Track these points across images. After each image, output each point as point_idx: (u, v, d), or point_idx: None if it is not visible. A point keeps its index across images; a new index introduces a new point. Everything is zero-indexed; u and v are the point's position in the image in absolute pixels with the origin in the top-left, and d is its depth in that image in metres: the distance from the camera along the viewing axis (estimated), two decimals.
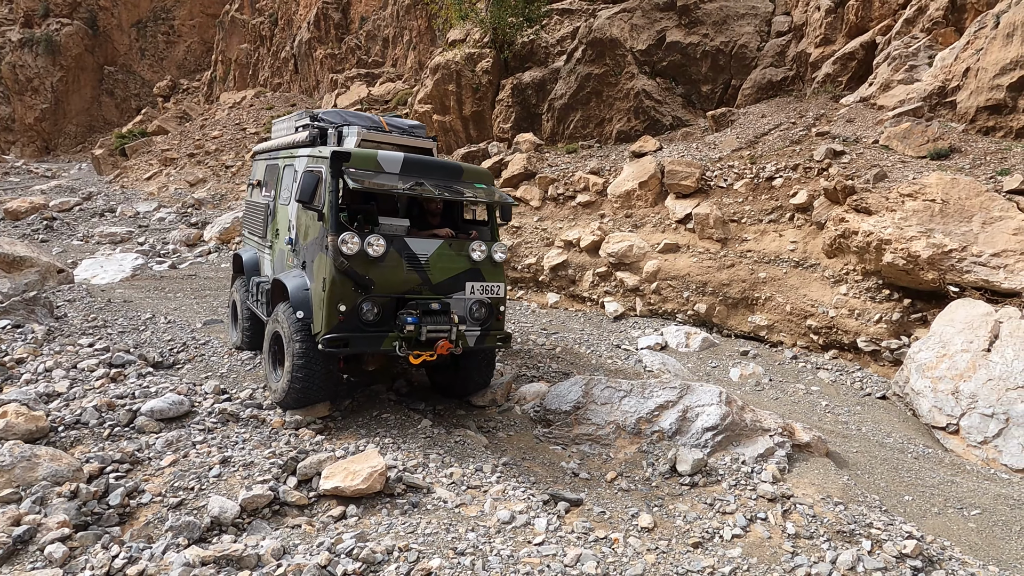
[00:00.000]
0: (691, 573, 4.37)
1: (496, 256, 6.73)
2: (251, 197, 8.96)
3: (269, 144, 8.60)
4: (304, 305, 6.13)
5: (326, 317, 5.85)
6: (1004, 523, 5.77)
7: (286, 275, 6.61)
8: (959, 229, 8.91)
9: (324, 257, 5.95)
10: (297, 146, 7.32)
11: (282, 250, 7.16)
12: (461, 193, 6.45)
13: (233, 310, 8.69)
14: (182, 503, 4.63)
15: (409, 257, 6.22)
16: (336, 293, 5.85)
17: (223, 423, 6.03)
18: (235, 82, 40.07)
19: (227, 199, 23.12)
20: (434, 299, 6.26)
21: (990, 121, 11.18)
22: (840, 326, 9.76)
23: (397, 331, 6.04)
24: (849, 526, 5.18)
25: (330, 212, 6.01)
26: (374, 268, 5.99)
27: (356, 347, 5.93)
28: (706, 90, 16.41)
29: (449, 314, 6.28)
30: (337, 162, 6.06)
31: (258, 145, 9.21)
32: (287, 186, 7.25)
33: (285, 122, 8.51)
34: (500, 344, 6.76)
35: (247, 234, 8.96)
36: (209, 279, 14.31)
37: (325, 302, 5.84)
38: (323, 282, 5.89)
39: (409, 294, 6.18)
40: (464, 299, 6.51)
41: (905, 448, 7.26)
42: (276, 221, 7.53)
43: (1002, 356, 7.47)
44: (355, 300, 5.92)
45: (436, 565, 4.05)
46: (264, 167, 8.45)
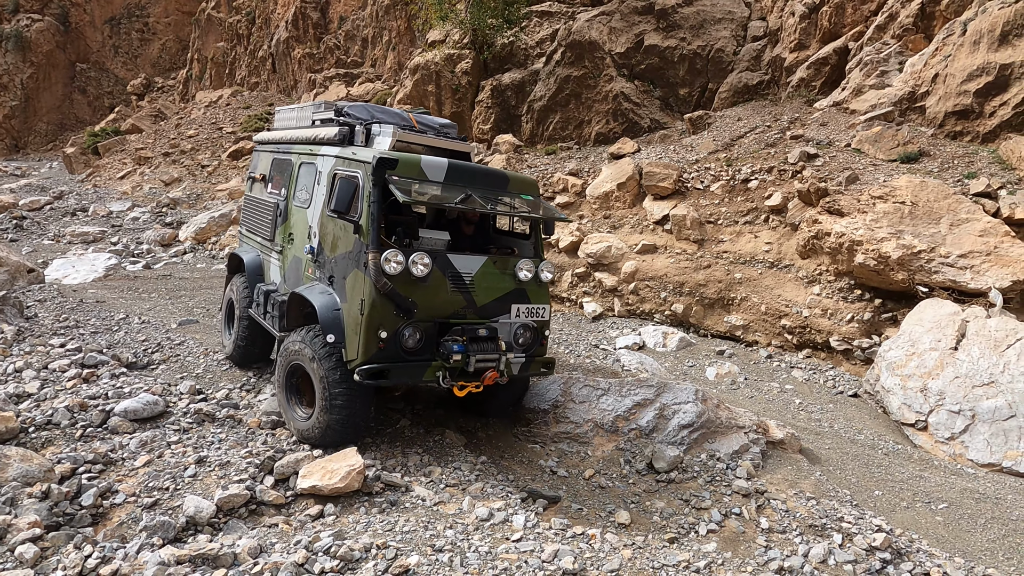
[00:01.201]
0: (667, 567, 4.43)
1: (543, 276, 6.15)
2: (252, 192, 8.09)
3: (276, 135, 7.69)
4: (335, 328, 5.39)
5: (364, 344, 5.18)
6: (970, 516, 5.93)
7: (310, 291, 5.79)
8: (928, 231, 9.13)
9: (361, 276, 5.28)
10: (319, 142, 6.49)
11: (297, 258, 6.42)
12: (513, 208, 5.87)
13: (228, 313, 7.85)
14: (157, 503, 4.58)
15: (453, 276, 5.57)
16: (376, 317, 5.17)
17: (199, 423, 5.97)
18: (211, 81, 39.59)
19: (203, 199, 22.84)
20: (480, 324, 5.66)
21: (958, 126, 11.46)
22: (813, 326, 9.94)
23: (441, 360, 5.42)
24: (821, 520, 5.28)
25: (371, 225, 5.29)
26: (417, 289, 5.34)
27: (396, 378, 5.30)
28: (683, 93, 16.60)
29: (497, 341, 5.70)
30: (382, 170, 5.34)
31: (261, 134, 8.31)
32: (305, 186, 6.48)
33: (294, 111, 7.66)
34: (544, 372, 6.21)
35: (246, 232, 8.08)
36: (184, 279, 14.13)
37: (363, 327, 5.17)
38: (360, 304, 5.23)
39: (453, 318, 5.56)
40: (509, 323, 5.89)
41: (876, 444, 7.42)
42: (290, 224, 6.71)
43: (968, 354, 7.67)
44: (396, 325, 5.25)
45: (414, 562, 4.06)
46: (271, 160, 7.57)
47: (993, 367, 7.46)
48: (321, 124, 6.77)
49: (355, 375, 5.18)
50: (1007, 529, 5.74)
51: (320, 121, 6.85)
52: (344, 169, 5.78)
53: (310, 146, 6.58)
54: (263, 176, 7.73)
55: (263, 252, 7.42)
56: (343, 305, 5.44)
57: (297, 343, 5.66)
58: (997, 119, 11.01)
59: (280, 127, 7.88)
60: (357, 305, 5.27)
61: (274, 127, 8.06)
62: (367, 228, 5.32)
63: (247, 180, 8.29)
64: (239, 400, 6.71)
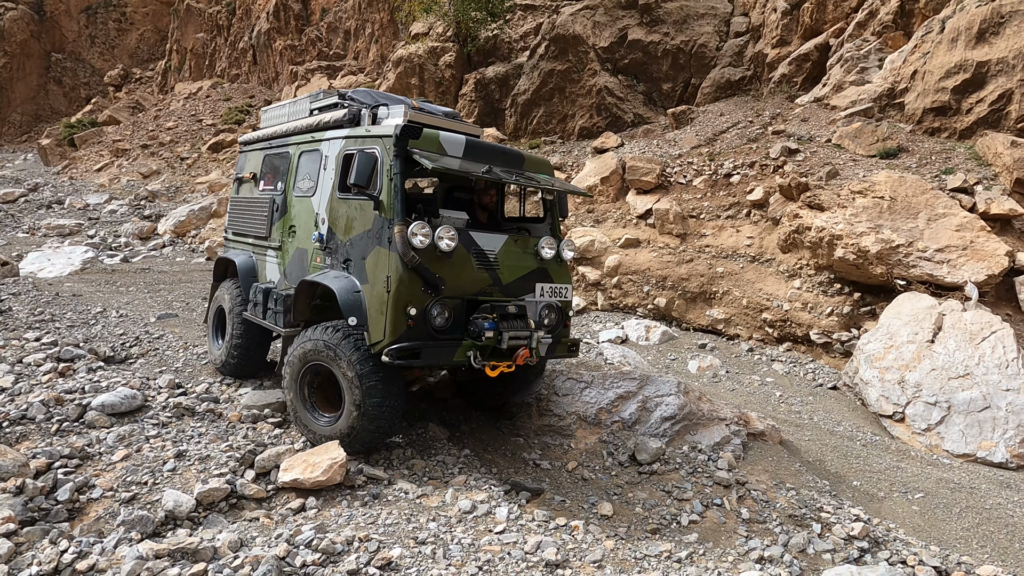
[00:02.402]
0: (648, 558, 4.46)
1: (564, 254, 6.04)
2: (239, 193, 7.76)
3: (265, 132, 7.50)
4: (356, 310, 5.15)
5: (391, 322, 4.92)
6: (945, 505, 6.03)
7: (323, 276, 5.54)
8: (906, 225, 9.25)
9: (384, 252, 5.07)
10: (322, 128, 6.22)
11: (301, 250, 6.15)
12: (536, 181, 5.68)
13: (218, 320, 7.48)
14: (135, 498, 4.52)
15: (478, 254, 5.39)
16: (404, 294, 4.94)
17: (178, 417, 5.90)
18: (191, 72, 39.03)
19: (182, 191, 22.54)
20: (505, 301, 5.50)
21: (936, 122, 11.62)
22: (794, 319, 10.04)
23: (472, 339, 5.22)
24: (800, 510, 5.35)
25: (394, 199, 5.10)
26: (444, 266, 5.14)
27: (428, 359, 5.06)
28: (667, 88, 16.66)
29: (526, 319, 5.57)
30: (404, 140, 5.16)
31: (248, 135, 8.04)
32: (308, 175, 6.23)
33: (285, 107, 7.43)
34: (570, 352, 6.07)
35: (234, 236, 7.73)
36: (163, 273, 13.95)
37: (390, 305, 4.92)
38: (386, 281, 4.98)
39: (480, 296, 5.39)
40: (534, 303, 5.75)
41: (854, 436, 7.52)
42: (290, 217, 6.45)
43: (945, 347, 7.79)
44: (425, 303, 5.03)
45: (397, 555, 4.04)
46: (262, 159, 7.32)
47: (968, 359, 7.59)
48: (321, 112, 6.55)
49: (383, 356, 4.89)
50: (981, 517, 5.85)
51: (319, 110, 6.62)
52: (357, 147, 5.52)
53: (312, 134, 6.34)
54: (253, 175, 7.44)
55: (256, 252, 7.09)
56: (364, 287, 5.20)
57: (315, 341, 5.28)
58: (974, 116, 11.17)
59: (270, 125, 7.64)
60: (382, 283, 5.02)
61: (261, 127, 7.81)
62: (389, 202, 5.12)
63: (233, 183, 7.97)
64: (219, 394, 6.64)
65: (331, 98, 6.50)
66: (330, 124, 6.10)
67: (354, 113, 5.93)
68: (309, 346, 5.33)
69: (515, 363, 5.43)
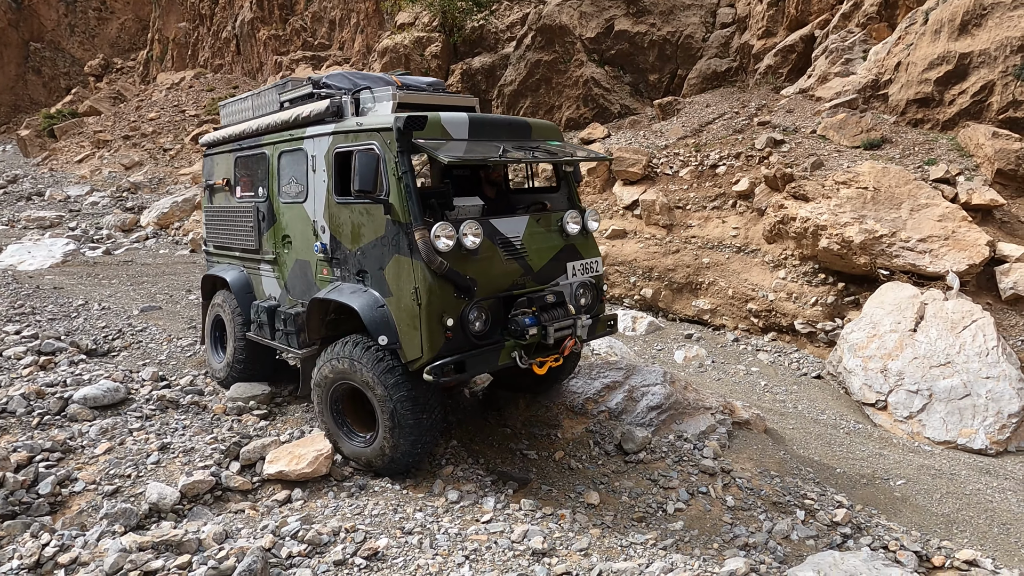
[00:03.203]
0: (635, 545, 4.49)
1: (590, 225, 5.63)
2: (213, 202, 7.07)
3: (231, 131, 6.72)
4: (384, 328, 4.70)
5: (428, 338, 4.53)
6: (926, 491, 6.12)
7: (337, 292, 5.08)
8: (889, 216, 9.33)
9: (406, 260, 4.62)
10: (301, 123, 5.58)
11: (303, 261, 5.63)
12: (556, 155, 5.27)
13: (215, 332, 7.02)
14: (118, 490, 4.48)
15: (503, 243, 4.98)
16: (437, 304, 4.54)
17: (162, 410, 5.86)
18: (173, 62, 38.51)
19: (166, 183, 22.28)
20: (542, 290, 5.18)
21: (919, 114, 11.70)
22: (779, 309, 10.11)
23: (515, 338, 4.89)
24: (784, 497, 5.40)
25: (407, 200, 4.58)
26: (470, 264, 4.73)
27: (473, 369, 4.71)
28: (653, 79, 16.66)
29: (566, 305, 5.24)
30: (409, 132, 4.64)
31: (210, 135, 7.23)
32: (293, 178, 5.65)
33: (247, 100, 6.71)
34: (609, 329, 5.73)
35: (216, 249, 7.09)
36: (147, 265, 13.80)
37: (423, 318, 4.51)
38: (414, 293, 4.56)
39: (514, 289, 5.03)
40: (568, 284, 5.39)
41: (838, 424, 7.60)
42: (281, 226, 5.89)
43: (927, 336, 7.88)
44: (460, 309, 4.65)
45: (383, 545, 4.04)
46: (233, 161, 6.63)
47: (950, 348, 7.68)
48: (294, 104, 5.91)
49: (425, 375, 4.49)
50: (961, 503, 5.94)
51: (290, 102, 5.98)
52: (349, 145, 5.01)
53: (290, 131, 5.70)
54: (226, 181, 6.74)
55: (248, 266, 6.53)
56: (388, 300, 4.75)
57: (339, 359, 4.95)
58: (956, 107, 11.26)
59: (232, 121, 6.92)
60: (409, 295, 4.58)
61: (223, 124, 7.13)
62: (402, 205, 4.60)
63: (203, 191, 7.28)
64: (204, 387, 6.61)
65: (302, 88, 5.85)
66: (311, 119, 5.45)
67: (337, 104, 5.29)
68: (335, 365, 4.98)
69: (563, 355, 5.14)
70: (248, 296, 6.45)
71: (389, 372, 4.69)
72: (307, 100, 5.72)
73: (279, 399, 6.38)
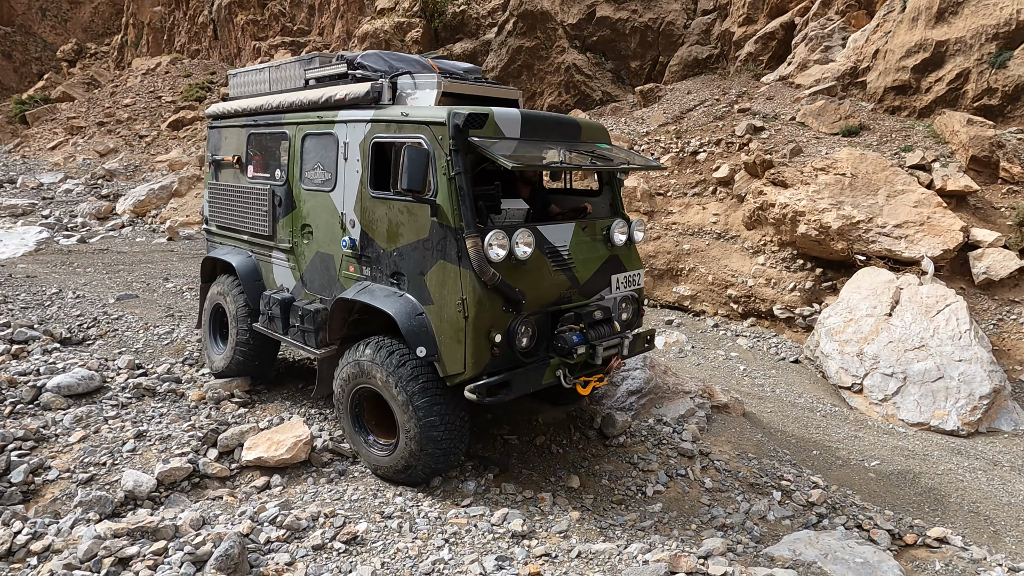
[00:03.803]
0: (614, 527, 4.53)
1: (636, 235, 5.32)
2: (220, 179, 6.59)
3: (245, 104, 6.24)
4: (423, 338, 4.37)
5: (473, 353, 4.22)
6: (900, 472, 6.24)
7: (369, 295, 4.71)
8: (866, 202, 9.43)
9: (453, 268, 4.26)
10: (333, 106, 5.13)
11: (325, 255, 5.24)
12: (612, 161, 5.03)
13: (214, 325, 6.61)
14: (93, 478, 4.43)
15: (551, 252, 4.64)
16: (485, 318, 4.21)
17: (138, 398, 5.79)
18: (148, 47, 37.76)
19: (142, 170, 21.91)
20: (587, 305, 4.87)
21: (896, 101, 11.82)
22: (758, 295, 10.20)
23: (561, 356, 4.59)
24: (762, 479, 5.47)
25: (460, 204, 4.20)
26: (520, 275, 4.39)
27: (519, 389, 4.44)
28: (635, 66, 16.65)
29: (612, 322, 4.95)
30: (467, 130, 4.24)
31: (217, 107, 6.72)
32: (319, 164, 5.24)
33: (265, 72, 6.17)
34: (648, 346, 5.42)
35: (220, 229, 6.62)
36: (123, 254, 13.59)
37: (469, 332, 4.20)
38: (460, 304, 4.22)
39: (559, 303, 4.69)
40: (612, 298, 5.11)
41: (815, 407, 7.71)
42: (300, 214, 5.46)
43: (902, 320, 8.00)
44: (507, 323, 4.34)
45: (363, 529, 4.04)
46: (246, 138, 6.16)
47: (924, 331, 7.81)
48: (320, 83, 5.48)
49: (467, 393, 4.23)
50: (933, 483, 6.07)
51: (317, 80, 5.53)
52: (391, 136, 4.61)
53: (319, 112, 5.26)
54: (237, 159, 6.25)
55: (256, 252, 6.10)
56: (427, 308, 4.40)
57: (361, 362, 4.65)
58: (932, 95, 11.40)
59: (245, 94, 6.45)
60: (454, 306, 4.24)
61: (234, 96, 6.66)
62: (452, 208, 4.21)
63: (208, 165, 6.78)
64: (181, 375, 6.53)
65: (334, 66, 5.39)
66: (345, 102, 5.00)
67: (379, 89, 4.84)
68: (355, 368, 4.70)
69: (607, 374, 4.91)
70: (256, 284, 6.01)
71: (421, 386, 4.40)
72: (339, 80, 5.30)
73: (259, 386, 6.33)
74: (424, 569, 3.69)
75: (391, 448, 4.70)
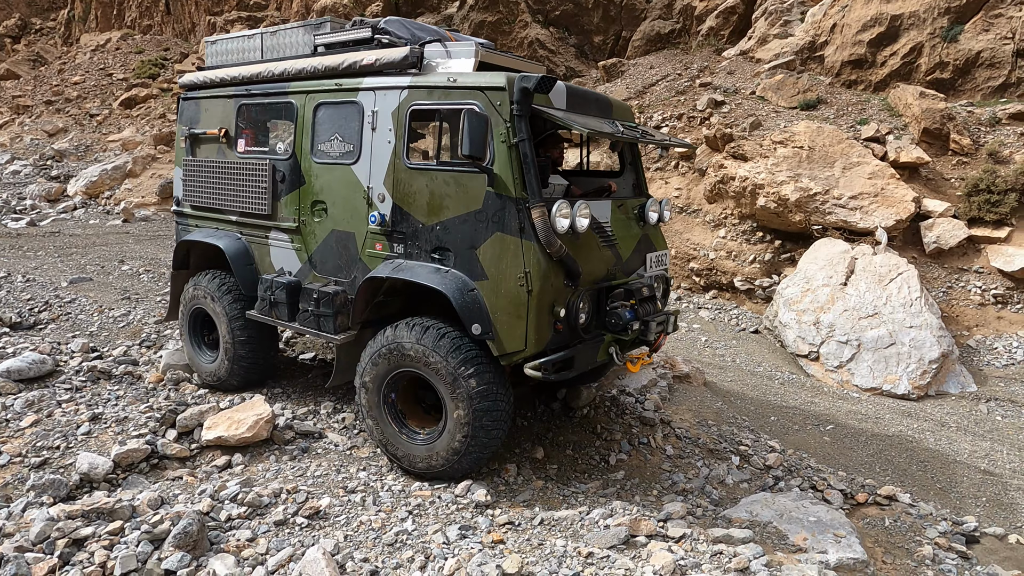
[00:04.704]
0: (577, 494, 4.61)
1: (665, 215, 5.29)
2: (199, 155, 6.04)
3: (228, 73, 5.78)
4: (478, 315, 4.14)
5: (535, 329, 4.06)
6: (853, 435, 6.45)
7: (411, 272, 4.41)
8: (823, 174, 9.61)
9: (513, 240, 4.06)
10: (359, 72, 4.81)
11: (343, 233, 4.89)
12: (653, 136, 4.97)
13: (195, 325, 6.01)
14: (46, 462, 4.33)
15: (597, 228, 4.55)
16: (549, 292, 4.07)
17: (93, 381, 5.66)
18: (97, 23, 36.31)
19: (93, 150, 21.18)
20: (634, 282, 4.81)
21: (853, 75, 12.01)
22: (719, 267, 10.37)
23: (614, 333, 4.54)
24: (721, 445, 5.61)
25: (525, 172, 4.02)
26: (575, 249, 4.24)
27: (580, 366, 4.36)
28: (598, 41, 16.59)
29: (656, 299, 4.93)
30: (531, 97, 4.05)
31: (193, 75, 6.19)
32: (337, 135, 4.90)
33: (255, 39, 5.71)
34: (674, 327, 5.35)
35: (197, 210, 6.05)
36: (76, 236, 13.17)
37: (533, 307, 4.02)
38: (525, 278, 4.01)
39: (606, 280, 4.62)
40: (649, 276, 5.06)
41: (773, 375, 7.91)
42: (311, 190, 5.07)
43: (856, 289, 8.22)
44: (567, 299, 4.22)
45: (325, 504, 4.04)
46: (235, 109, 5.67)
47: (877, 300, 8.04)
48: (331, 49, 5.12)
49: (528, 370, 4.08)
50: (884, 444, 6.30)
51: (326, 47, 5.17)
52: (435, 103, 4.38)
53: (337, 80, 4.93)
54: (224, 132, 5.75)
55: (248, 234, 5.62)
56: (480, 283, 4.17)
57: (401, 343, 4.33)
58: (887, 68, 11.61)
59: (228, 62, 5.96)
60: (514, 280, 4.05)
61: (212, 65, 6.12)
62: (513, 176, 4.03)
63: (183, 140, 6.16)
64: (138, 357, 6.40)
65: (359, 31, 4.97)
66: (375, 67, 4.69)
67: (416, 55, 4.55)
68: (393, 349, 4.38)
69: (656, 351, 4.85)
70: (248, 269, 5.55)
71: (468, 361, 4.16)
72: (361, 46, 4.94)
73: None
74: (387, 540, 3.72)
75: (433, 436, 4.43)
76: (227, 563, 3.36)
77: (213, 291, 5.66)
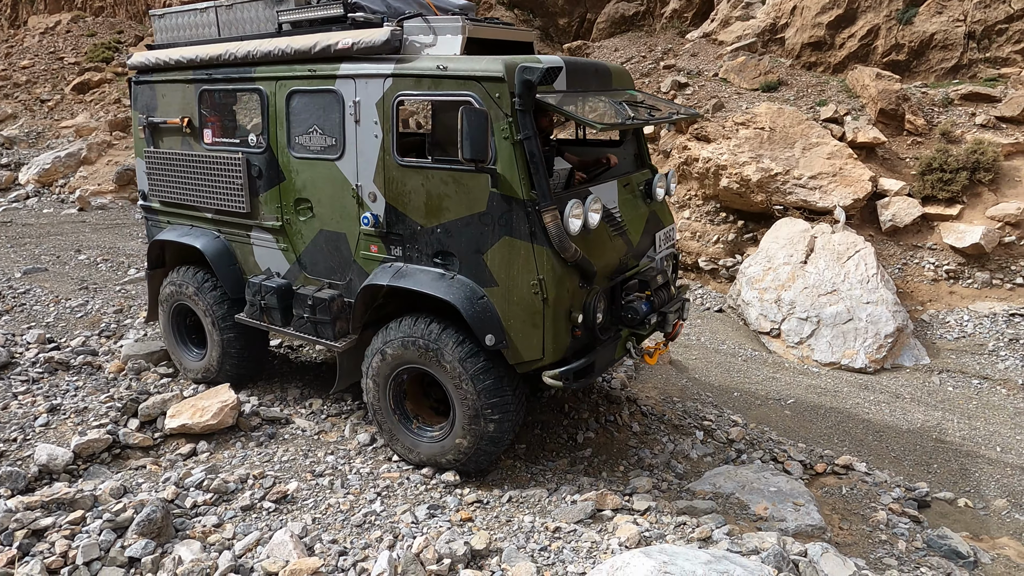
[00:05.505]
0: (544, 472, 4.67)
1: (671, 188, 5.02)
2: (160, 146, 5.51)
3: (184, 54, 5.12)
4: (490, 324, 3.88)
5: (554, 337, 3.83)
6: (812, 408, 6.64)
7: (413, 280, 4.11)
8: (784, 154, 9.78)
9: (523, 245, 3.77)
10: (334, 57, 4.29)
11: (333, 233, 4.54)
12: (660, 110, 4.65)
13: (178, 325, 5.71)
14: (2, 455, 4.24)
15: (606, 216, 4.22)
16: (566, 298, 3.84)
17: (50, 372, 5.53)
18: (46, 4, 34.92)
19: (45, 137, 20.47)
20: (646, 270, 4.56)
21: (812, 57, 12.20)
22: (684, 248, 10.51)
23: (632, 327, 4.30)
24: (685, 420, 5.73)
25: (534, 173, 3.69)
26: (587, 245, 3.98)
27: (600, 369, 4.19)
28: (563, 23, 16.54)
29: (670, 285, 4.68)
30: (535, 89, 3.65)
31: (142, 55, 5.52)
32: (315, 127, 4.46)
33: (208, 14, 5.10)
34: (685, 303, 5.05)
35: (164, 207, 5.62)
36: (28, 226, 12.76)
37: (549, 316, 3.79)
38: (538, 284, 3.76)
39: (619, 271, 4.36)
40: (659, 257, 4.81)
41: (736, 353, 8.08)
42: (292, 187, 4.66)
43: (815, 267, 8.42)
44: (582, 301, 3.98)
45: (293, 488, 4.03)
46: (197, 95, 5.12)
47: (836, 277, 8.25)
48: (297, 27, 4.57)
49: (548, 379, 3.89)
50: (842, 416, 6.50)
51: (293, 25, 4.60)
52: (422, 93, 4.00)
53: (310, 65, 4.42)
54: (187, 121, 5.20)
55: (227, 233, 5.21)
56: (489, 290, 3.92)
57: (406, 340, 4.14)
58: (846, 50, 11.82)
59: (180, 39, 5.34)
60: (527, 287, 3.79)
61: (162, 42, 5.49)
62: (519, 177, 3.70)
63: (142, 129, 5.62)
64: (97, 347, 6.27)
65: (328, 7, 4.38)
66: (352, 51, 4.17)
67: (398, 38, 4.07)
68: (397, 347, 4.19)
69: (672, 339, 4.65)
70: (231, 270, 5.17)
71: (470, 358, 3.98)
72: (332, 25, 4.39)
73: None
74: (356, 522, 3.73)
75: (441, 433, 4.31)
76: (193, 549, 3.34)
77: (196, 288, 5.32)
